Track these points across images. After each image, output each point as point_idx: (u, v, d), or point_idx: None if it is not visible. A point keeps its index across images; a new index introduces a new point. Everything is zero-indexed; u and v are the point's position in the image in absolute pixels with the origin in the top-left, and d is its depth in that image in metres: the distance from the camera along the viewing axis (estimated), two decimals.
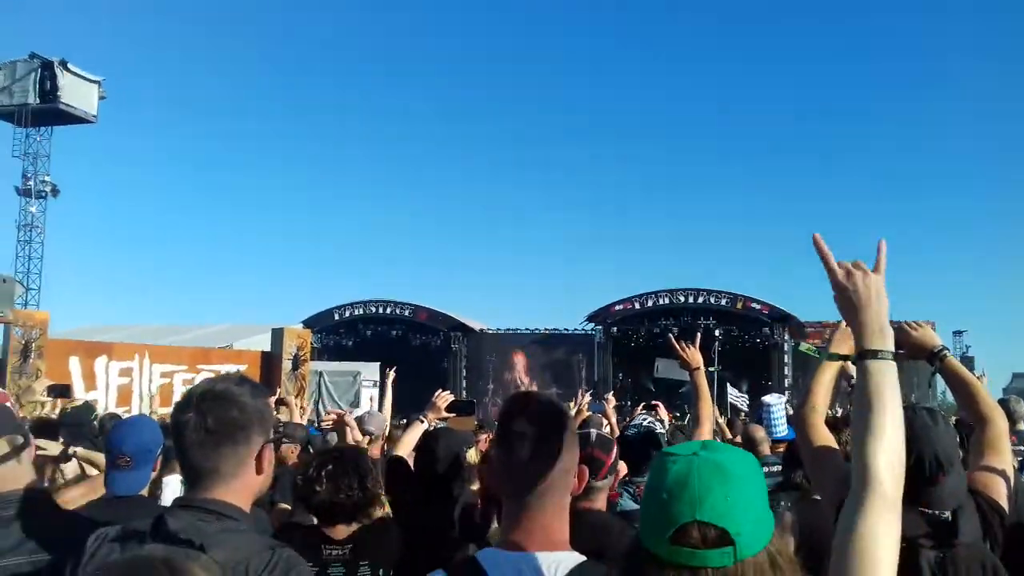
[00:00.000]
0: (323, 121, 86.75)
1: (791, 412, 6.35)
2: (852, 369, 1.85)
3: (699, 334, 3.93)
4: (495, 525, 3.10)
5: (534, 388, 35.75)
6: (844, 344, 2.34)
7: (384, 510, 2.89)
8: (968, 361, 44.06)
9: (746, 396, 23.76)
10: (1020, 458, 6.16)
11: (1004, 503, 2.39)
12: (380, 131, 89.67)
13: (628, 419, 5.36)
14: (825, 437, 2.45)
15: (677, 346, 3.55)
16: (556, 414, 1.70)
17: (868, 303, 1.46)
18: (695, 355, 3.48)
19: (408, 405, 9.07)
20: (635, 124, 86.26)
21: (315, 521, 2.89)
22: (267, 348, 17.12)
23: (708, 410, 3.44)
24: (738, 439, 7.46)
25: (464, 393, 37.75)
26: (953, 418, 6.43)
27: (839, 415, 5.95)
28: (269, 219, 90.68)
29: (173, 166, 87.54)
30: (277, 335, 17.03)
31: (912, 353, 2.64)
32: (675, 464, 1.16)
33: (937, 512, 2.23)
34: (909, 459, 2.23)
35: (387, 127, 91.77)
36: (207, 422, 1.82)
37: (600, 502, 2.76)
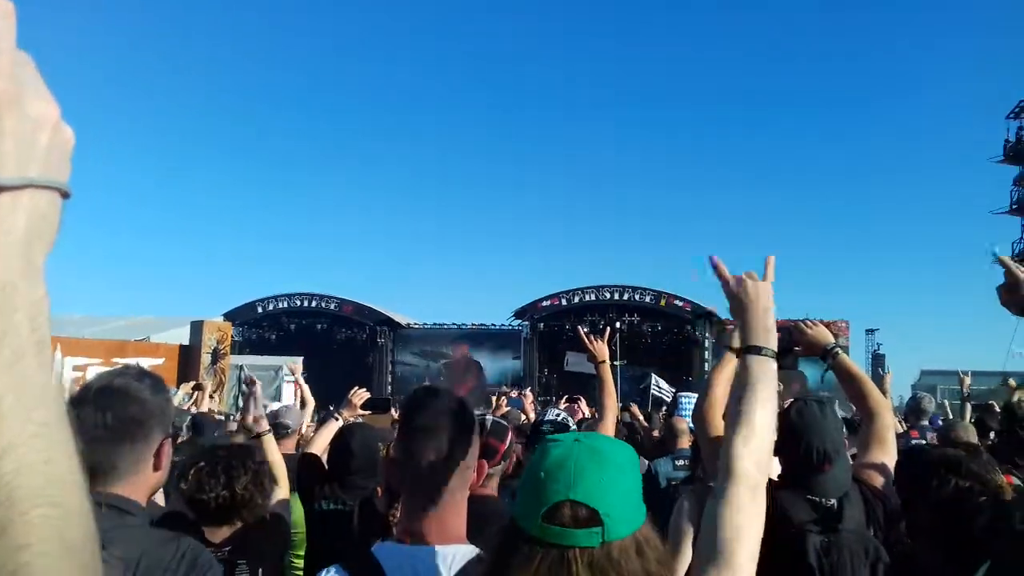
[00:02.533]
0: (246, 108, 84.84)
1: None
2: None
3: (607, 328, 4.00)
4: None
5: (467, 382, 35.89)
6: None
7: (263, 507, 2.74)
8: (880, 359, 45.84)
9: (672, 391, 24.17)
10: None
11: (888, 491, 2.52)
12: (305, 121, 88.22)
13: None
14: (720, 430, 2.54)
15: (585, 340, 3.62)
16: (457, 410, 1.72)
17: (755, 304, 1.57)
18: (601, 348, 3.56)
19: (332, 400, 8.96)
20: (564, 118, 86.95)
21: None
22: (186, 341, 16.74)
23: (612, 402, 3.52)
24: (656, 433, 7.61)
25: (391, 388, 37.59)
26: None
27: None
28: (192, 209, 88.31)
29: (91, 152, 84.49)
30: (196, 328, 16.67)
31: (807, 350, 2.81)
32: (556, 448, 1.21)
33: (823, 500, 2.34)
34: (799, 449, 2.36)
35: (313, 117, 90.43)
36: (105, 418, 1.78)
37: (491, 487, 2.79)
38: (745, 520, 1.31)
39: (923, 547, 2.15)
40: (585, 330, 3.71)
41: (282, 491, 3.12)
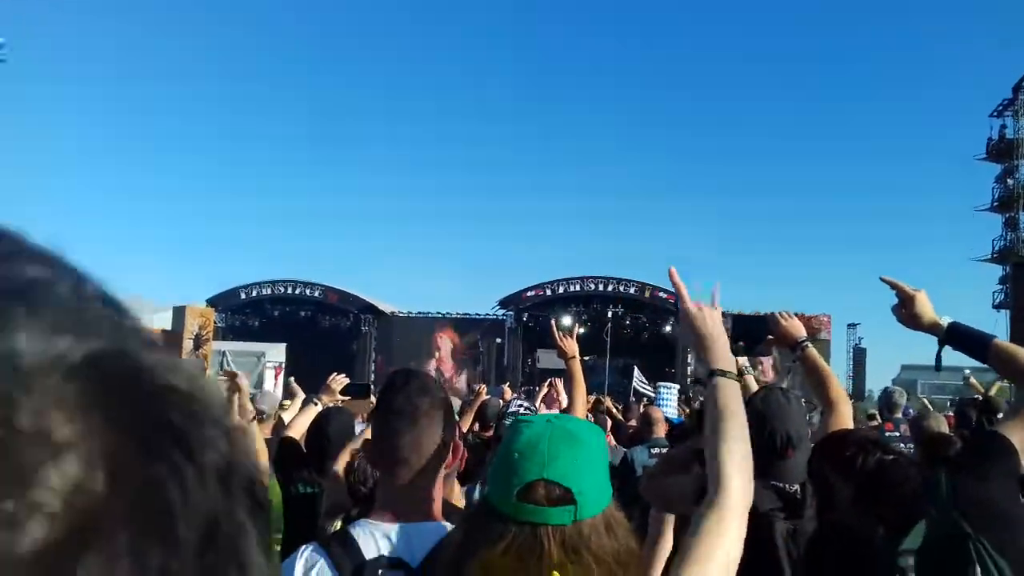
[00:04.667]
0: (227, 92, 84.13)
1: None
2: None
3: (576, 324, 4.04)
4: None
5: (451, 373, 35.91)
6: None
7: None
8: (861, 353, 46.13)
9: (652, 387, 24.28)
10: (899, 444, 6.60)
11: None
12: (287, 104, 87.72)
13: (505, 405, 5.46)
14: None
15: (555, 335, 3.67)
16: (432, 391, 1.77)
17: (715, 334, 1.64)
18: (571, 344, 3.60)
19: (317, 388, 8.95)
20: (553, 106, 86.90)
21: None
22: (168, 326, 16.68)
23: (581, 396, 3.57)
24: (633, 422, 7.69)
25: (373, 376, 37.57)
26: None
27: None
28: (175, 194, 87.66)
29: (69, 138, 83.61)
30: (179, 313, 16.62)
31: (778, 341, 2.90)
32: (529, 428, 1.25)
33: (787, 486, 2.41)
34: (763, 435, 2.43)
35: (296, 99, 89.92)
36: None
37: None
38: (730, 536, 1.32)
39: (851, 513, 2.22)
40: (566, 326, 3.76)
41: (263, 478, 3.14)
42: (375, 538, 1.64)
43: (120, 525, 0.27)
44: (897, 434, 6.60)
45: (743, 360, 3.64)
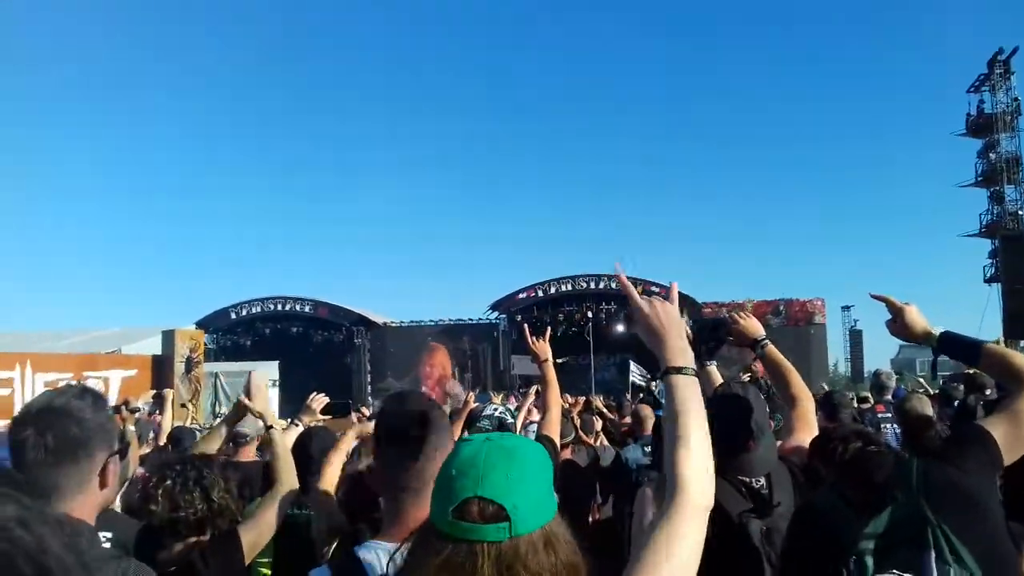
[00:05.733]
0: (210, 120, 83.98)
1: None
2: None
3: (548, 327, 4.01)
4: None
5: (448, 380, 35.81)
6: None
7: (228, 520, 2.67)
8: (857, 335, 46.35)
9: (648, 376, 24.23)
10: (885, 425, 6.61)
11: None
12: (268, 127, 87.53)
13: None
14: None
15: (528, 339, 3.64)
16: (431, 414, 1.78)
17: (670, 328, 1.56)
18: (543, 347, 3.58)
19: None
20: (533, 103, 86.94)
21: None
22: (158, 352, 16.58)
23: (555, 398, 3.55)
24: (627, 420, 7.69)
25: (370, 388, 37.49)
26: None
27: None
28: (161, 219, 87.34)
29: (54, 163, 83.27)
30: (168, 337, 16.51)
31: (738, 341, 2.92)
32: (467, 447, 1.25)
33: (752, 480, 2.43)
34: (725, 429, 2.42)
35: (274, 121, 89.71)
36: (46, 440, 1.79)
37: None
38: (690, 537, 1.30)
39: (823, 499, 2.25)
40: (556, 327, 3.73)
41: (288, 484, 3.03)
42: (380, 560, 1.64)
43: None
44: (889, 415, 6.66)
45: None
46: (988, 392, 6.38)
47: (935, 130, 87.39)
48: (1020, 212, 33.20)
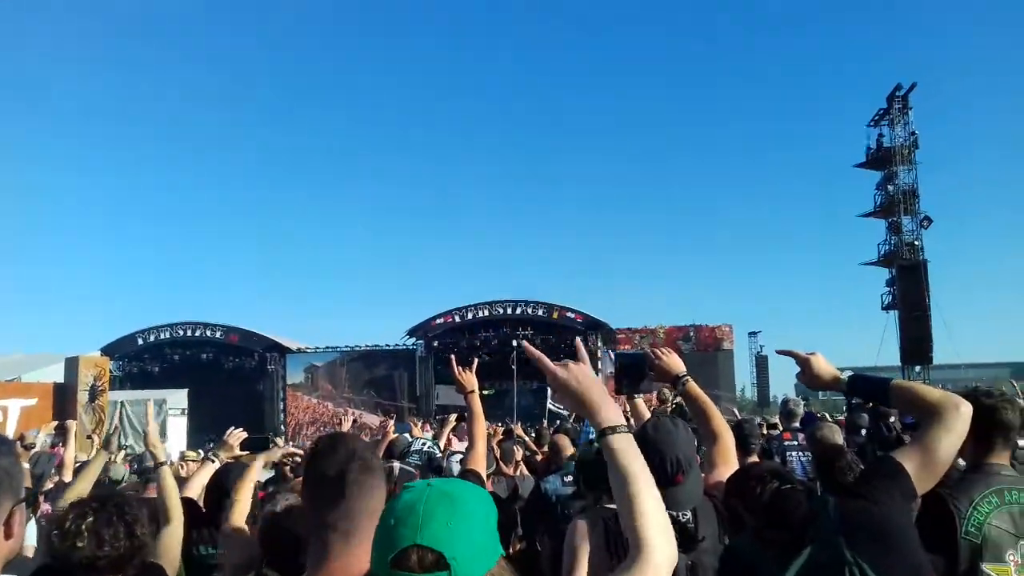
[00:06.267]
0: (119, 133, 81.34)
1: None
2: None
3: (475, 359, 4.02)
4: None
5: (351, 409, 35.27)
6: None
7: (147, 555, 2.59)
8: (763, 360, 47.69)
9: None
10: (790, 453, 6.82)
11: None
12: (179, 147, 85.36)
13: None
14: None
15: (454, 370, 3.65)
16: (362, 456, 1.74)
17: (591, 388, 1.57)
18: (469, 378, 3.60)
19: (224, 431, 8.57)
20: (453, 130, 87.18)
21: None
22: (60, 379, 15.90)
23: (481, 430, 3.57)
24: (544, 450, 7.72)
25: (283, 415, 36.64)
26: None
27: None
28: (65, 241, 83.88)
29: None
30: (71, 364, 15.88)
31: (659, 377, 2.98)
32: (408, 493, 1.23)
33: (679, 514, 2.46)
34: (654, 461, 2.48)
35: (186, 143, 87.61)
36: None
37: None
38: None
39: (745, 543, 2.31)
40: (483, 356, 3.73)
41: (176, 525, 2.98)
42: None
43: None
44: (796, 443, 6.83)
45: None
46: (892, 420, 6.64)
47: (838, 161, 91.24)
48: (916, 243, 34.72)
